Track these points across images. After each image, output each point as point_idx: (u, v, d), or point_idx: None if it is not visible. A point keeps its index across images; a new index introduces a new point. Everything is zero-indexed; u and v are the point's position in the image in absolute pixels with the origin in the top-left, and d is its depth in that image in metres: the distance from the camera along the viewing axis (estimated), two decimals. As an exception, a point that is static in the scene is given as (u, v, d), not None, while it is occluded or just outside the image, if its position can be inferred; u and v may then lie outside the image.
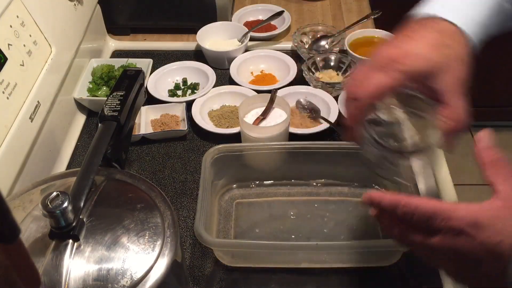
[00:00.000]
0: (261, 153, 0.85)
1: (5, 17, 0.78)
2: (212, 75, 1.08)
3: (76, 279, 0.51)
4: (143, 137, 0.97)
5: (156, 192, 0.61)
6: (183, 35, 1.25)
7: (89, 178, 0.58)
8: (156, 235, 0.56)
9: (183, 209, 0.87)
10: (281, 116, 0.89)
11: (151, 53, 1.19)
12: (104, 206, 0.59)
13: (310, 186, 0.88)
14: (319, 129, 0.95)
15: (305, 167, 0.86)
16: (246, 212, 0.85)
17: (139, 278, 0.52)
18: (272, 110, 0.91)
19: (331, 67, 1.09)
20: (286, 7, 1.30)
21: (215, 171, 0.83)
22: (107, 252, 0.53)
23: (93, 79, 1.06)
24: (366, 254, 0.77)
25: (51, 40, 0.90)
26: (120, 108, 0.69)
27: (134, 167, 0.94)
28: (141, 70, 0.76)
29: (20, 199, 0.60)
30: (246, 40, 1.15)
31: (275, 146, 0.85)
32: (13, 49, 0.79)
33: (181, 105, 1.01)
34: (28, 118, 0.80)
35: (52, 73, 0.89)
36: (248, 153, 0.85)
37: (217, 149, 0.82)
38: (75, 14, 1.01)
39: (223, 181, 0.87)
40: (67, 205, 0.51)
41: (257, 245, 0.74)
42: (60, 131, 0.96)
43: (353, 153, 0.83)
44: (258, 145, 0.85)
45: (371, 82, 0.52)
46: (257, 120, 0.89)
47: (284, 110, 0.89)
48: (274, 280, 0.77)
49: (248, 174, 0.88)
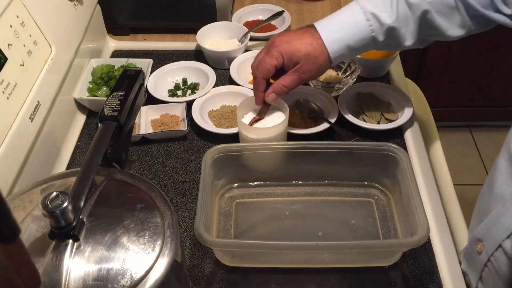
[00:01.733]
0: (261, 153, 0.85)
1: (5, 17, 0.78)
2: (212, 75, 1.08)
3: (76, 279, 0.51)
4: (143, 137, 0.97)
5: (156, 192, 0.61)
6: (183, 35, 1.25)
7: (89, 178, 0.58)
8: (156, 235, 0.56)
9: (183, 209, 0.87)
10: (279, 117, 0.89)
11: (151, 53, 1.19)
12: (104, 206, 0.59)
13: (310, 186, 0.88)
14: (319, 129, 0.95)
15: (305, 167, 0.86)
16: (246, 212, 0.85)
17: (139, 278, 0.52)
18: (270, 111, 0.90)
19: (331, 67, 1.09)
20: (286, 7, 1.30)
21: (215, 171, 0.83)
22: (107, 252, 0.53)
23: (93, 79, 1.06)
24: (366, 254, 0.77)
25: (51, 40, 0.90)
26: (120, 108, 0.69)
27: (134, 167, 0.94)
28: (141, 70, 0.76)
29: (20, 199, 0.60)
30: (246, 40, 1.15)
31: (275, 146, 0.85)
32: (13, 49, 0.79)
33: (181, 105, 1.01)
34: (28, 118, 0.80)
35: (52, 73, 0.89)
36: (248, 153, 0.85)
37: (217, 149, 0.82)
38: (75, 14, 1.01)
39: (223, 181, 0.87)
40: (67, 205, 0.51)
41: (257, 245, 0.74)
42: (60, 131, 0.96)
43: (353, 153, 0.83)
44: (258, 145, 0.85)
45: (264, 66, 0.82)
46: (252, 120, 0.89)
47: (282, 111, 0.89)
48: (274, 280, 0.77)
49: (248, 174, 0.88)
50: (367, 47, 0.83)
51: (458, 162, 2.18)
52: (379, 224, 0.83)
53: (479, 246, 0.71)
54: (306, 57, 0.81)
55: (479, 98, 2.15)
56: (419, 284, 0.75)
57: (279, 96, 0.84)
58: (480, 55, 1.98)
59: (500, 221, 0.67)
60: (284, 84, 0.83)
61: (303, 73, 0.82)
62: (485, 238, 0.70)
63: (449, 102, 2.15)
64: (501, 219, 0.67)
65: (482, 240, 0.70)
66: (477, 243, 0.72)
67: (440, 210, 0.85)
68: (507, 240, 0.65)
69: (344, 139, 0.94)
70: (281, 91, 0.83)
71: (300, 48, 0.81)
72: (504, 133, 0.75)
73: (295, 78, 0.82)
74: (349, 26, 0.81)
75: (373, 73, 1.10)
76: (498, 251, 0.67)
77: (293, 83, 0.83)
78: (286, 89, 0.83)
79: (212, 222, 0.81)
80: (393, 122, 0.98)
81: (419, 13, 0.80)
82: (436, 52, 1.98)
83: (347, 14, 0.82)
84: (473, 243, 0.73)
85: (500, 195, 0.69)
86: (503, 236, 0.66)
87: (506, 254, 0.66)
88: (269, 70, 0.83)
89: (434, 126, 1.02)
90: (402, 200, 0.80)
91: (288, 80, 0.83)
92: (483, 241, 0.70)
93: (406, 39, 0.82)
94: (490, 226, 0.69)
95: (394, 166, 0.82)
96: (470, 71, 2.05)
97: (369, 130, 0.96)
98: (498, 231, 0.67)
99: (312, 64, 0.81)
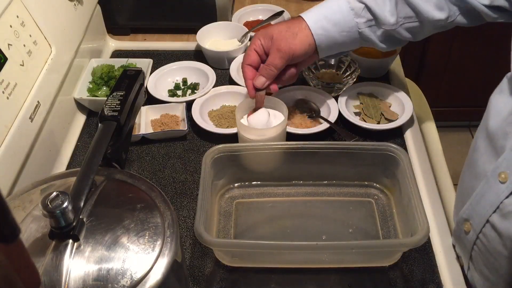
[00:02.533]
0: (261, 153, 0.85)
1: (5, 17, 0.78)
2: (212, 75, 1.08)
3: (76, 279, 0.51)
4: (143, 137, 0.97)
5: (156, 192, 0.61)
6: (183, 35, 1.25)
7: (89, 178, 0.58)
8: (156, 235, 0.56)
9: (183, 209, 0.87)
10: (278, 118, 0.89)
11: (151, 53, 1.19)
12: (104, 206, 0.59)
13: (310, 186, 0.88)
14: (319, 129, 0.95)
15: (305, 167, 0.86)
16: (246, 212, 0.85)
17: (139, 278, 0.52)
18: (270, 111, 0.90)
19: (331, 67, 1.09)
20: (286, 7, 1.30)
21: (215, 171, 0.83)
22: (107, 252, 0.53)
23: (93, 79, 1.06)
24: (366, 254, 0.77)
25: (51, 40, 0.90)
26: (120, 108, 0.69)
27: (134, 167, 0.94)
28: (141, 70, 0.76)
29: (20, 199, 0.60)
30: (246, 40, 1.15)
31: (275, 146, 0.85)
32: (13, 49, 0.79)
33: (181, 105, 1.01)
34: (28, 118, 0.80)
35: (52, 73, 0.89)
36: (248, 153, 0.85)
37: (217, 149, 0.82)
38: (75, 14, 1.01)
39: (223, 181, 0.87)
40: (67, 205, 0.51)
41: (257, 245, 0.73)
42: (60, 131, 0.96)
43: (353, 153, 0.83)
44: (258, 145, 0.85)
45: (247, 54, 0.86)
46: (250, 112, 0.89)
47: (281, 112, 0.89)
48: (274, 280, 0.77)
49: (248, 174, 0.88)
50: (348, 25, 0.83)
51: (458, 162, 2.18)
52: (379, 224, 0.83)
53: (466, 226, 0.72)
54: (280, 32, 0.83)
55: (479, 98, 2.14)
56: (419, 284, 0.75)
57: (268, 79, 0.85)
58: (480, 55, 1.98)
59: (485, 197, 0.68)
60: (267, 64, 0.84)
61: (279, 44, 0.82)
62: (471, 216, 0.71)
63: (449, 102, 2.15)
64: (485, 196, 0.68)
65: (468, 219, 0.71)
66: (464, 223, 0.72)
67: (440, 210, 0.85)
68: (494, 215, 0.66)
69: (344, 139, 0.94)
70: (266, 72, 0.84)
71: (274, 27, 0.84)
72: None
73: (276, 55, 0.83)
74: (328, 4, 0.84)
75: (373, 73, 1.10)
76: (486, 227, 0.68)
77: (275, 60, 0.83)
78: (270, 69, 0.84)
79: (212, 222, 0.81)
80: (393, 122, 0.98)
81: None
82: (436, 52, 1.98)
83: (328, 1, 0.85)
84: (460, 224, 0.74)
85: (482, 173, 0.69)
86: (489, 211, 0.67)
87: (494, 228, 0.66)
88: (249, 55, 0.85)
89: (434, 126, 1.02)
90: (402, 200, 0.80)
91: (270, 59, 0.84)
92: (470, 220, 0.71)
93: (387, 17, 0.82)
94: (475, 204, 0.70)
95: (394, 166, 0.82)
96: (470, 71, 2.05)
97: (369, 130, 0.96)
98: (484, 207, 0.68)
99: (285, 33, 0.83)
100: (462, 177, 0.77)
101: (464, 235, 0.73)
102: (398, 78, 1.11)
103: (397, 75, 1.12)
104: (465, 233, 0.72)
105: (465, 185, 0.75)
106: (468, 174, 0.75)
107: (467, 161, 0.76)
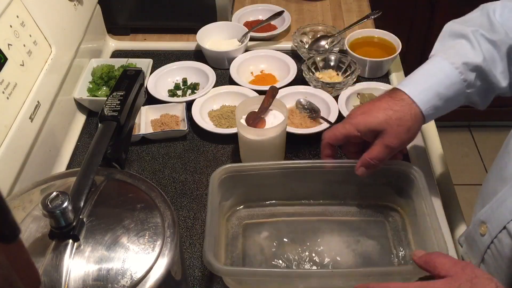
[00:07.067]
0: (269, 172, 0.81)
1: (5, 17, 0.78)
2: (212, 75, 1.08)
3: (76, 279, 0.51)
4: (143, 137, 0.97)
5: (156, 192, 0.61)
6: (183, 35, 1.25)
7: (89, 178, 0.58)
8: (156, 235, 0.56)
9: (183, 209, 0.87)
10: (278, 118, 0.89)
11: (151, 53, 1.19)
12: (104, 206, 0.59)
13: (320, 206, 0.84)
14: (319, 129, 0.95)
15: (315, 186, 0.83)
16: (254, 233, 0.82)
17: (139, 278, 0.52)
18: (269, 111, 0.90)
19: (331, 67, 1.09)
20: (286, 7, 1.30)
21: (222, 192, 0.79)
22: (107, 252, 0.53)
23: (93, 79, 1.06)
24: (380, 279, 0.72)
25: (51, 40, 0.90)
26: (120, 108, 0.69)
27: (134, 167, 0.94)
28: (141, 70, 0.76)
29: (20, 199, 0.60)
30: (246, 40, 1.15)
31: (283, 165, 0.81)
32: (13, 49, 0.79)
33: (181, 105, 1.01)
34: (28, 118, 0.80)
35: (52, 73, 0.89)
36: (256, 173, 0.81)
37: (224, 169, 0.78)
38: (75, 14, 1.01)
39: (231, 202, 0.83)
40: (67, 205, 0.51)
41: (269, 273, 0.71)
42: (60, 131, 0.96)
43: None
44: (266, 165, 0.80)
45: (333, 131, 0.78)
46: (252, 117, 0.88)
47: (281, 112, 0.89)
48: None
49: (256, 194, 0.84)
50: (460, 93, 0.75)
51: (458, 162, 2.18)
52: (392, 245, 0.79)
53: (482, 228, 0.71)
54: (387, 123, 0.72)
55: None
56: (419, 284, 0.75)
57: (369, 170, 0.76)
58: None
59: (506, 203, 0.67)
60: (370, 157, 0.74)
61: (389, 141, 0.73)
62: (489, 220, 0.69)
63: (449, 102, 2.15)
64: (507, 201, 0.67)
65: (486, 222, 0.70)
66: (481, 225, 0.71)
67: (440, 211, 0.85)
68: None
69: None
70: (369, 164, 0.75)
71: (377, 116, 0.73)
72: (504, 133, 0.75)
73: (381, 149, 0.74)
74: (434, 73, 0.75)
75: (373, 73, 1.10)
76: (502, 233, 0.67)
77: (380, 154, 0.74)
78: (374, 161, 0.74)
79: (220, 246, 0.77)
80: (393, 122, 0.97)
81: (505, 49, 0.75)
82: (436, 52, 1.98)
83: (428, 65, 0.77)
84: (476, 225, 0.72)
85: (509, 178, 0.68)
86: (508, 218, 0.66)
87: (510, 236, 0.65)
88: (335, 135, 0.77)
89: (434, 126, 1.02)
90: (417, 220, 0.77)
91: (374, 153, 0.74)
92: (487, 223, 0.70)
93: (499, 80, 0.76)
94: (495, 208, 0.68)
95: (408, 185, 0.79)
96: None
97: (369, 130, 0.95)
98: (503, 213, 0.67)
99: (397, 128, 0.72)
100: (488, 178, 0.76)
101: (479, 236, 0.71)
102: (398, 78, 1.11)
103: (397, 75, 1.12)
104: (481, 235, 0.71)
105: (489, 186, 0.74)
106: (493, 176, 0.74)
107: (495, 162, 0.75)
